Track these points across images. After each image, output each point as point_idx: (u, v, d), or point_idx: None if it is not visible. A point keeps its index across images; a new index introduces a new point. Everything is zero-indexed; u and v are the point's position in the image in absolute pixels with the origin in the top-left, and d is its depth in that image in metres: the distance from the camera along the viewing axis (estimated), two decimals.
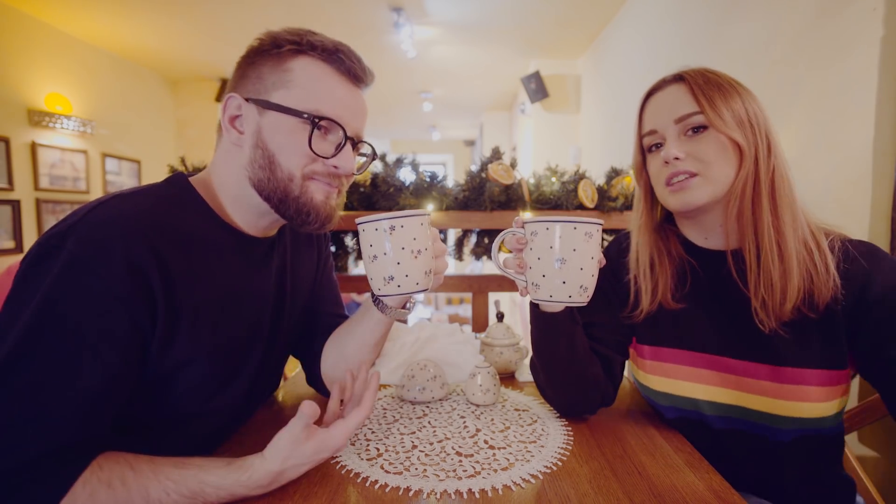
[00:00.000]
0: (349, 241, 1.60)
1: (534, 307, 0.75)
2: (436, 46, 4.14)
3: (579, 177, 1.61)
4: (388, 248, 0.65)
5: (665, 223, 0.82)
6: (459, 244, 1.63)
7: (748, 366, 0.72)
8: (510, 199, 1.54)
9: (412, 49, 3.86)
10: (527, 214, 1.54)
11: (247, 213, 0.72)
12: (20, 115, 3.37)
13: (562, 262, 0.64)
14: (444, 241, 1.66)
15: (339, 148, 0.69)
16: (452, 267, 3.04)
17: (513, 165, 1.56)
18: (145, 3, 3.21)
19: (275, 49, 0.67)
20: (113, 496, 0.51)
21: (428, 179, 1.53)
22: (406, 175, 1.54)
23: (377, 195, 1.52)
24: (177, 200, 0.67)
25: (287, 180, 0.67)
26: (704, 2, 2.27)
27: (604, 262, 0.69)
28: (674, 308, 0.77)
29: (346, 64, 0.69)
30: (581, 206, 1.57)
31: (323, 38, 0.68)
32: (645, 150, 0.78)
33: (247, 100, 0.67)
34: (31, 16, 3.42)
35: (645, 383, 0.81)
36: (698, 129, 0.70)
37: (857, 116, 1.36)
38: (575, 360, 0.76)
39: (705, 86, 0.70)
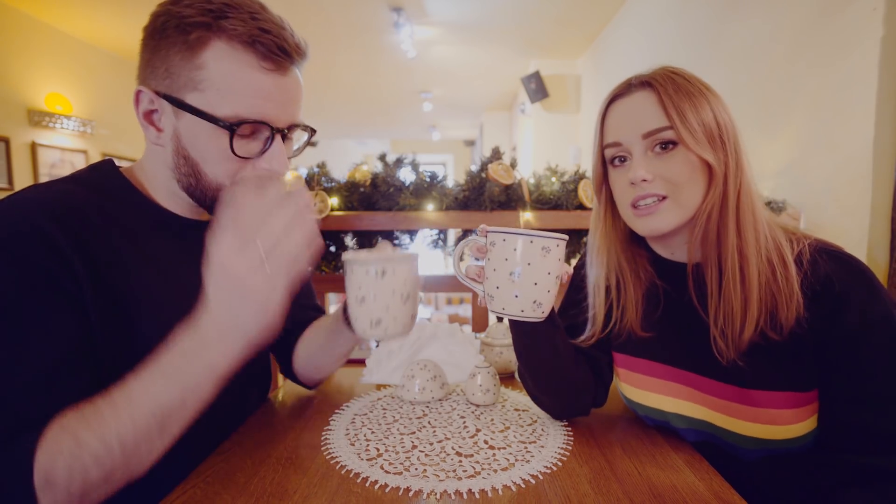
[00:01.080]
0: (349, 241, 1.60)
1: None
2: (436, 46, 4.14)
3: (579, 177, 1.61)
4: (378, 292, 0.63)
5: (631, 242, 0.76)
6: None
7: (715, 385, 0.69)
8: (510, 199, 1.54)
9: (412, 49, 3.86)
10: (527, 214, 1.54)
11: (180, 202, 0.69)
12: (20, 115, 3.38)
13: (516, 276, 0.61)
14: (444, 240, 1.66)
15: (266, 146, 0.63)
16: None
17: (513, 165, 1.56)
18: (145, 3, 3.19)
19: (181, 35, 0.58)
20: (78, 417, 0.48)
21: (428, 179, 1.53)
22: (406, 175, 1.55)
23: (377, 195, 1.52)
24: (98, 185, 0.64)
25: (216, 189, 0.63)
26: (705, 1, 2.27)
27: (566, 278, 0.66)
28: (642, 336, 0.74)
29: (268, 47, 0.59)
30: (581, 207, 1.57)
31: (240, 15, 0.58)
32: (607, 162, 0.72)
33: (157, 93, 0.60)
34: (31, 16, 3.43)
35: (620, 390, 0.81)
36: (667, 145, 0.65)
37: (857, 116, 1.36)
38: (559, 363, 0.74)
39: (675, 95, 0.64)
